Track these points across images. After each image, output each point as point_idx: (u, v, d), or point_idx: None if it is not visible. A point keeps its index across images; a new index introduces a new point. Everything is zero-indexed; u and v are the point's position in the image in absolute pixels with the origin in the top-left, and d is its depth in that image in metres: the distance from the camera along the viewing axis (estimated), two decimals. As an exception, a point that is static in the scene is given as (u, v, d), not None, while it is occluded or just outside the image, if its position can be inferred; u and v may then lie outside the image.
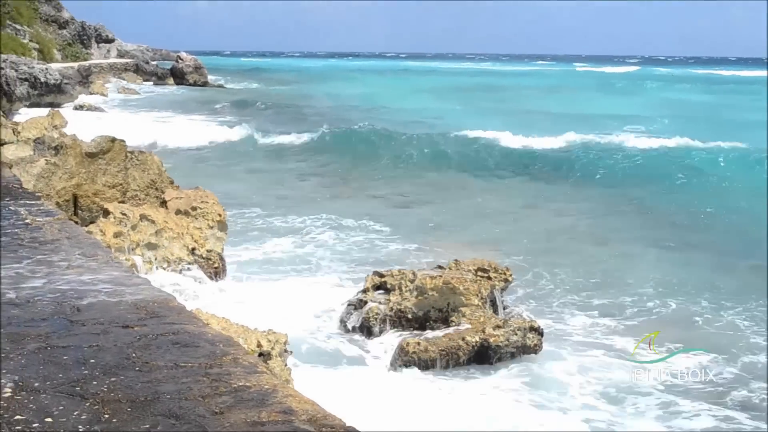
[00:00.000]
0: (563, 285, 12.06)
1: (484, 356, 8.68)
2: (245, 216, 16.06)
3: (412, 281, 9.36)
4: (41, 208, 5.87)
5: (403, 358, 8.60)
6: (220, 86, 63.55)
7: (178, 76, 63.44)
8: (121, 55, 71.36)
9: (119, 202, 10.36)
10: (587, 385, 8.56)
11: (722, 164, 21.76)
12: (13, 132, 17.34)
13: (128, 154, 11.41)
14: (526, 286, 11.76)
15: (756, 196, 17.94)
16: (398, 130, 27.84)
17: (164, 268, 9.19)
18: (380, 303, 9.42)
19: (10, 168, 9.23)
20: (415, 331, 9.21)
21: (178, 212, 10.20)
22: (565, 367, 9.01)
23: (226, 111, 40.35)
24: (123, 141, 11.53)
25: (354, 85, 64.05)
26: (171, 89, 58.57)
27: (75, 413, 2.35)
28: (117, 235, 8.91)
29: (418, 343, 8.63)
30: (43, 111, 30.66)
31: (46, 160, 10.56)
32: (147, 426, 2.27)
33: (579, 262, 13.31)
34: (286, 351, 7.33)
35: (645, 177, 20.46)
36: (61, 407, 2.39)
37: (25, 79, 36.11)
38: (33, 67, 37.38)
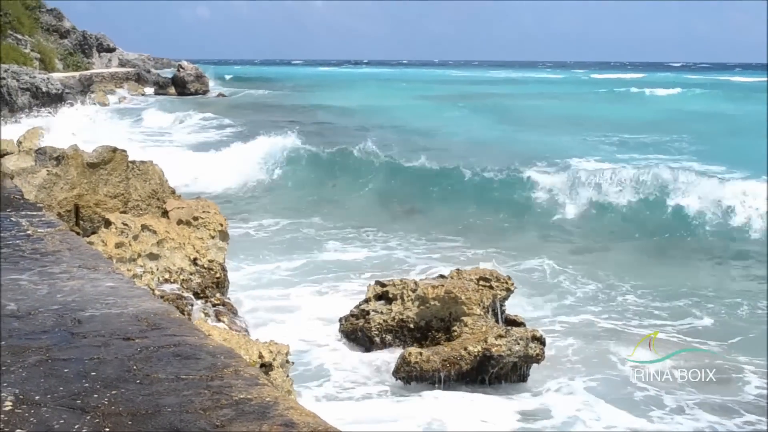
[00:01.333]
0: (562, 291, 12.10)
1: (486, 366, 8.66)
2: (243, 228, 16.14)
3: (413, 291, 9.35)
4: (42, 218, 5.88)
5: (405, 368, 8.58)
6: (221, 95, 63.65)
7: (180, 85, 63.51)
8: (122, 64, 71.51)
9: (121, 213, 10.36)
10: (587, 387, 8.61)
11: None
12: (17, 144, 17.40)
13: (129, 164, 11.41)
14: (528, 295, 11.76)
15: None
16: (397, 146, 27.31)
17: (166, 279, 9.18)
18: (382, 313, 9.40)
19: (12, 179, 9.24)
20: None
21: (179, 222, 10.19)
22: (566, 373, 9.03)
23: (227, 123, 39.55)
24: (124, 151, 11.54)
25: (357, 95, 63.56)
26: (172, 99, 58.46)
27: (76, 426, 2.35)
28: (118, 245, 8.90)
29: (420, 353, 8.61)
30: (45, 121, 30.77)
31: (47, 170, 10.56)
32: (148, 439, 2.27)
33: (578, 269, 13.34)
34: (287, 362, 7.31)
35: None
36: (62, 420, 2.38)
37: (27, 89, 36.19)
38: (34, 77, 37.46)
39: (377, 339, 9.28)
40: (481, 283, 9.37)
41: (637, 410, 8.13)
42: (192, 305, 8.67)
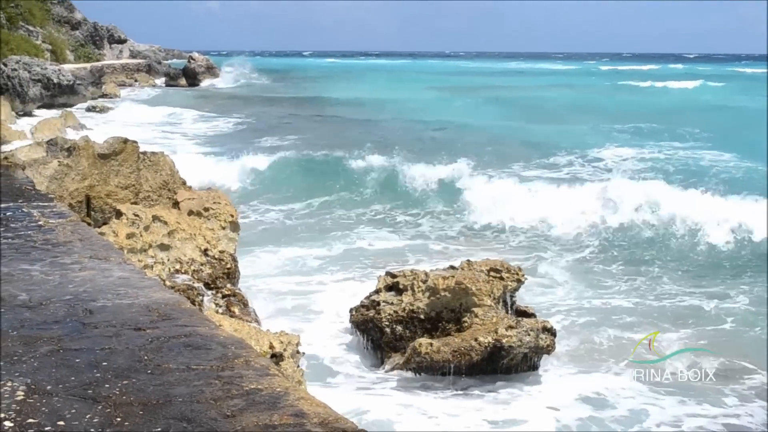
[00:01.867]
0: (567, 288, 12.08)
1: (496, 357, 8.65)
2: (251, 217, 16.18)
3: (424, 282, 9.33)
4: (54, 209, 5.90)
5: (416, 359, 8.59)
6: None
7: (190, 76, 63.62)
8: (133, 55, 71.58)
9: (132, 203, 10.38)
10: (589, 386, 8.60)
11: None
12: (31, 133, 17.45)
13: (140, 155, 11.43)
14: (537, 286, 11.74)
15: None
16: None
17: (177, 270, 9.20)
18: (392, 303, 9.40)
19: (23, 169, 9.27)
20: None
21: (190, 213, 10.20)
22: (569, 368, 9.04)
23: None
24: (135, 142, 11.56)
25: (368, 87, 63.06)
26: (183, 90, 58.45)
27: (87, 416, 2.35)
28: (129, 236, 8.91)
29: (431, 344, 8.61)
30: (56, 112, 30.86)
31: (58, 161, 10.60)
32: (159, 429, 2.27)
33: (581, 267, 13.32)
34: (298, 352, 7.33)
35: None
36: (73, 410, 2.39)
37: (38, 81, 36.29)
38: (46, 69, 37.54)
39: (387, 330, 9.27)
40: (492, 274, 9.35)
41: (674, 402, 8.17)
42: (203, 296, 8.69)
